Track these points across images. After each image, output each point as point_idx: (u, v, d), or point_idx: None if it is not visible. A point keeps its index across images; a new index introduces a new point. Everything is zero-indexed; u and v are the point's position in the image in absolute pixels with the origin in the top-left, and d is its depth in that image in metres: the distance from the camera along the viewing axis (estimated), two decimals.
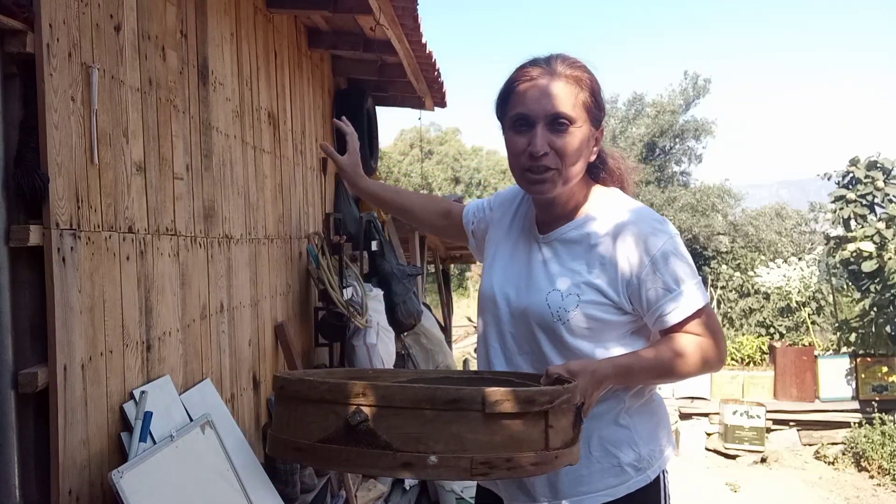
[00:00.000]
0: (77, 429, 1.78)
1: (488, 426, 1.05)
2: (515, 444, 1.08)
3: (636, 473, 1.46)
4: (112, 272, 1.97)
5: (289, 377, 1.17)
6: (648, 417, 1.51)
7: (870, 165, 7.22)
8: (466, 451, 1.04)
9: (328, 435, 1.07)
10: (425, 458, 1.03)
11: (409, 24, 3.69)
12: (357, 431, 1.04)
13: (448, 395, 1.04)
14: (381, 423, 1.04)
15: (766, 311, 9.53)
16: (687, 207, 15.91)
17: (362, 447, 1.04)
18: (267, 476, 2.65)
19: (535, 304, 1.46)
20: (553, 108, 1.40)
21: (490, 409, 1.05)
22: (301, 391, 1.12)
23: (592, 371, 1.33)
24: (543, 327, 1.45)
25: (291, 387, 1.14)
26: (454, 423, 1.04)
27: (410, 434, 1.03)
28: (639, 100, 18.62)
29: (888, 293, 6.56)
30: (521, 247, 1.56)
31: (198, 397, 2.45)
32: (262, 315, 3.28)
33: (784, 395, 7.11)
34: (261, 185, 3.28)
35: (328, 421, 1.07)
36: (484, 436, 1.05)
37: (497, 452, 1.06)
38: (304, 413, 1.11)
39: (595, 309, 1.42)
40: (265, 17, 3.41)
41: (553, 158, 1.41)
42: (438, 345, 5.35)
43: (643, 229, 1.44)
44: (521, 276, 1.51)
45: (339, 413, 1.06)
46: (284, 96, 3.69)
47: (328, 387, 1.08)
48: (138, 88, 2.15)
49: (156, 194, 2.25)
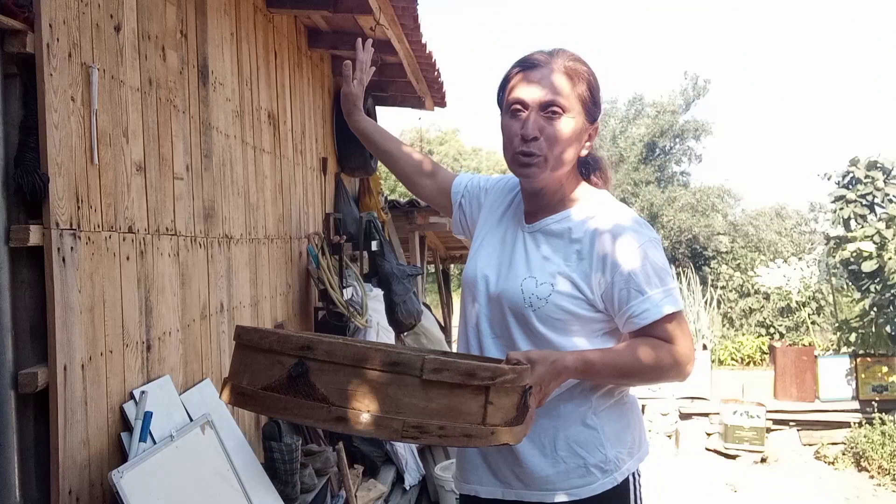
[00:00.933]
0: (77, 429, 1.78)
1: (425, 392, 1.09)
2: (451, 413, 1.11)
3: (602, 475, 1.46)
4: (112, 272, 1.97)
5: (246, 327, 1.23)
6: (617, 419, 1.51)
7: (870, 165, 7.22)
8: (400, 414, 1.08)
9: (271, 383, 1.12)
10: (359, 414, 1.07)
11: (409, 24, 3.69)
12: (297, 382, 1.09)
13: (389, 357, 1.08)
14: (321, 376, 1.08)
15: (766, 311, 9.53)
16: (687, 207, 15.91)
17: (300, 398, 1.09)
18: (267, 476, 2.65)
19: (509, 288, 1.49)
20: (547, 95, 1.44)
21: (428, 375, 1.08)
22: (253, 340, 1.18)
23: (553, 361, 1.33)
24: (514, 312, 1.48)
25: (246, 335, 1.20)
26: (392, 386, 1.08)
27: (348, 390, 1.08)
28: (639, 100, 18.63)
29: (888, 293, 6.56)
30: (508, 235, 1.59)
31: (198, 397, 2.45)
32: (262, 315, 3.28)
33: (784, 395, 7.11)
34: (261, 185, 3.28)
35: (273, 370, 1.12)
36: (420, 401, 1.09)
37: (430, 419, 1.09)
38: (254, 361, 1.17)
39: (567, 301, 1.44)
40: (265, 17, 3.41)
41: (542, 144, 1.44)
42: (438, 344, 5.35)
43: (624, 230, 1.45)
44: (502, 263, 1.54)
45: (284, 363, 1.11)
46: (284, 96, 3.69)
47: (277, 337, 1.14)
48: (138, 88, 2.15)
49: (156, 194, 2.25)
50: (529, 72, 1.46)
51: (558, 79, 1.45)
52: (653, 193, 16.82)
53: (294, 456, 2.79)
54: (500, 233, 1.61)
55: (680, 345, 1.43)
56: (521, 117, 1.46)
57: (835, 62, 59.72)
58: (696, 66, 53.72)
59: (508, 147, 1.49)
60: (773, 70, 55.11)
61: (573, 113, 1.45)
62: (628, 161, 17.80)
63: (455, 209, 1.77)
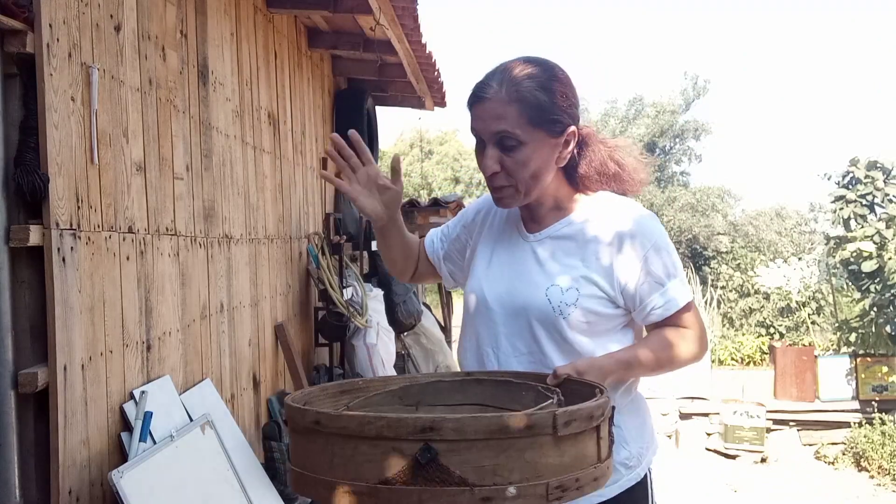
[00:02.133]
0: (77, 429, 1.78)
1: (558, 448, 1.02)
2: (579, 462, 1.06)
3: (627, 472, 1.47)
4: (112, 272, 1.97)
5: (330, 413, 1.06)
6: (635, 415, 1.52)
7: (870, 165, 7.22)
8: (541, 478, 1.01)
9: (392, 475, 0.98)
10: (503, 490, 0.98)
11: (409, 24, 3.69)
12: (427, 469, 0.97)
13: (521, 422, 1.00)
14: (453, 457, 0.97)
15: (766, 311, 9.52)
16: (687, 207, 15.91)
17: (435, 485, 0.97)
18: (267, 476, 2.65)
19: (534, 299, 1.45)
20: (496, 127, 1.39)
21: (562, 431, 1.02)
22: (350, 427, 1.00)
23: (599, 368, 1.34)
24: (544, 323, 1.44)
25: (335, 423, 1.02)
26: (528, 451, 1.00)
27: (486, 467, 0.98)
28: (639, 100, 18.62)
29: (888, 293, 6.56)
30: (502, 248, 1.54)
31: (198, 397, 2.45)
32: (262, 315, 3.28)
33: (784, 394, 7.10)
34: (261, 185, 3.28)
35: (389, 460, 0.98)
36: (554, 458, 1.02)
37: (567, 473, 1.03)
38: (355, 452, 1.00)
39: (594, 303, 1.43)
40: (265, 17, 3.41)
41: (505, 176, 1.41)
42: (438, 345, 5.35)
43: (636, 224, 1.45)
44: (512, 276, 1.50)
45: (403, 450, 0.97)
46: (284, 96, 3.69)
47: (386, 422, 0.98)
48: (138, 88, 2.15)
49: (156, 194, 2.25)
50: (477, 106, 1.41)
51: (503, 108, 1.38)
52: (653, 193, 16.81)
53: None
54: (502, 247, 1.55)
55: (697, 329, 1.48)
56: (482, 150, 1.43)
57: (835, 62, 59.71)
58: (696, 66, 53.71)
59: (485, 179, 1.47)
60: (773, 70, 55.10)
61: (527, 137, 1.38)
62: None
63: (442, 266, 1.70)
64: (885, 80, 49.36)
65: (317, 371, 3.99)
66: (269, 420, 3.25)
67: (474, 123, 1.43)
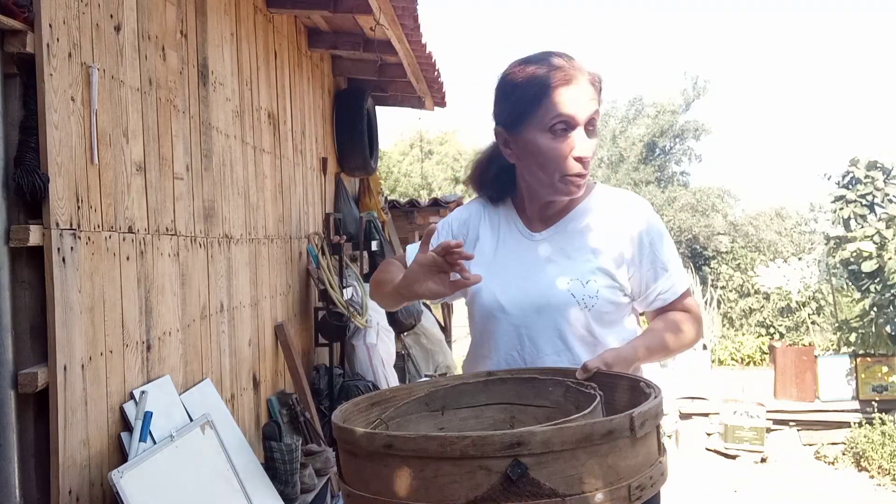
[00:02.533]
0: (77, 429, 1.78)
1: (634, 449, 1.04)
2: (649, 459, 1.07)
3: None
4: (112, 272, 1.97)
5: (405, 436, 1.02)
6: None
7: (870, 165, 7.22)
8: (622, 480, 1.02)
9: (482, 494, 0.96)
10: (592, 497, 0.99)
11: (409, 24, 3.69)
12: (518, 484, 0.96)
13: (603, 427, 1.00)
14: (542, 470, 0.97)
15: (766, 311, 9.53)
16: (687, 207, 15.91)
17: (526, 500, 0.96)
18: (267, 476, 2.65)
19: (558, 298, 1.43)
20: (591, 110, 1.38)
21: (639, 432, 1.03)
22: (430, 449, 0.98)
23: (625, 358, 1.35)
24: (571, 320, 1.44)
25: (410, 445, 0.99)
26: (609, 455, 1.01)
27: (573, 476, 0.98)
28: (639, 100, 18.62)
29: (888, 293, 6.56)
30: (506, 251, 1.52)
31: (198, 397, 2.45)
32: (262, 315, 3.28)
33: (784, 394, 7.10)
34: (261, 185, 3.28)
35: (476, 478, 0.96)
36: (632, 460, 1.03)
37: (642, 472, 1.04)
38: (437, 473, 0.98)
39: (611, 293, 1.45)
40: (265, 17, 3.41)
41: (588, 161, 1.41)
42: (438, 345, 5.35)
43: (637, 213, 1.49)
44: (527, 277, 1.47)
45: (491, 467, 0.96)
46: (284, 96, 3.69)
47: (471, 441, 0.96)
48: (138, 88, 2.15)
49: (156, 194, 2.25)
50: (570, 86, 1.37)
51: (592, 92, 1.39)
52: (653, 193, 16.81)
53: (294, 456, 2.79)
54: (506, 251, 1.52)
55: (697, 312, 1.53)
56: (567, 136, 1.38)
57: (835, 62, 59.71)
58: (696, 66, 53.72)
59: (554, 168, 1.40)
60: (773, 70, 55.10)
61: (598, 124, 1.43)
62: (628, 161, 17.80)
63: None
64: (885, 80, 49.35)
65: (317, 371, 3.99)
66: (269, 420, 3.25)
67: (565, 108, 1.36)
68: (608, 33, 57.66)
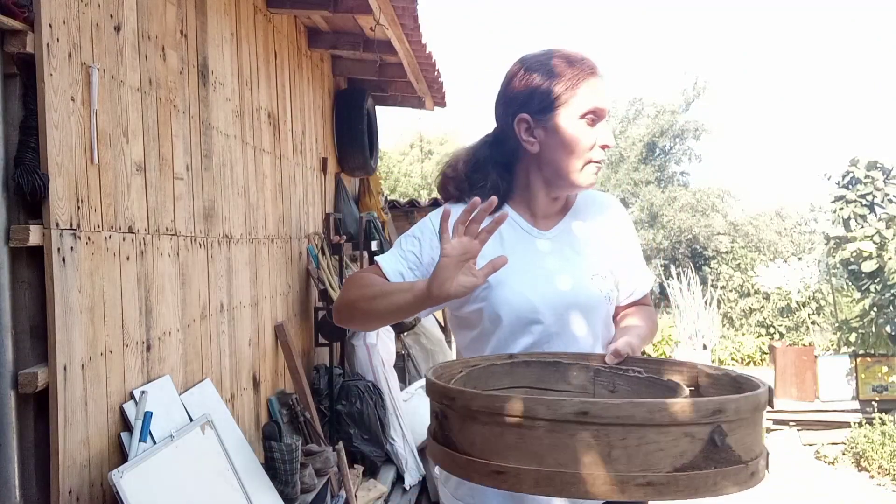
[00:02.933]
0: (77, 429, 1.78)
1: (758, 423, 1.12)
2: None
3: None
4: (112, 272, 1.97)
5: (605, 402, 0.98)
6: None
7: (870, 165, 7.22)
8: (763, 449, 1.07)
9: (689, 461, 0.96)
10: (759, 462, 1.02)
11: (409, 24, 3.69)
12: (719, 451, 0.97)
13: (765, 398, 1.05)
14: (733, 437, 0.99)
15: (766, 311, 9.53)
16: (687, 207, 15.91)
17: (722, 466, 0.97)
18: (267, 476, 2.65)
19: (586, 292, 1.43)
20: (609, 104, 1.47)
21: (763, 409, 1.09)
22: (637, 416, 0.96)
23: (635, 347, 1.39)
24: (599, 314, 1.46)
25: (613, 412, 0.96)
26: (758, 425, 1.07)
27: (748, 443, 1.01)
28: (639, 100, 18.62)
29: (888, 293, 6.56)
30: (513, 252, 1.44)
31: (198, 397, 2.45)
32: (262, 315, 3.28)
33: (784, 395, 7.11)
34: (261, 185, 3.28)
35: (680, 445, 0.96)
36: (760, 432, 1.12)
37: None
38: (641, 441, 0.96)
39: (614, 287, 1.51)
40: (265, 17, 3.41)
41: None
42: (438, 345, 5.35)
43: (615, 209, 1.56)
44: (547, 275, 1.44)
45: (695, 434, 0.96)
46: (284, 96, 3.69)
47: (680, 407, 0.96)
48: (138, 88, 2.15)
49: (156, 194, 2.25)
50: (598, 77, 1.43)
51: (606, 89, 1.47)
52: (653, 193, 16.82)
53: (294, 456, 2.79)
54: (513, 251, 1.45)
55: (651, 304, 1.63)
56: (595, 125, 1.42)
57: (835, 62, 59.72)
58: (696, 66, 53.71)
59: (579, 155, 1.41)
60: (773, 70, 55.12)
61: None
62: (628, 161, 17.80)
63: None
64: (885, 80, 49.36)
65: (317, 371, 3.99)
66: (269, 420, 3.25)
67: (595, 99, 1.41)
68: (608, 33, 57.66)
